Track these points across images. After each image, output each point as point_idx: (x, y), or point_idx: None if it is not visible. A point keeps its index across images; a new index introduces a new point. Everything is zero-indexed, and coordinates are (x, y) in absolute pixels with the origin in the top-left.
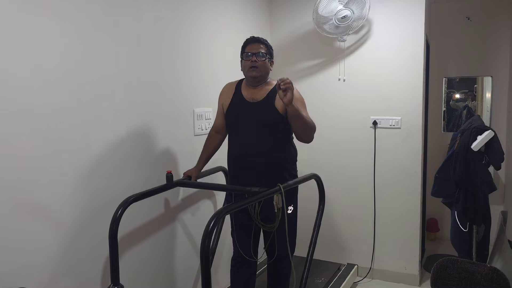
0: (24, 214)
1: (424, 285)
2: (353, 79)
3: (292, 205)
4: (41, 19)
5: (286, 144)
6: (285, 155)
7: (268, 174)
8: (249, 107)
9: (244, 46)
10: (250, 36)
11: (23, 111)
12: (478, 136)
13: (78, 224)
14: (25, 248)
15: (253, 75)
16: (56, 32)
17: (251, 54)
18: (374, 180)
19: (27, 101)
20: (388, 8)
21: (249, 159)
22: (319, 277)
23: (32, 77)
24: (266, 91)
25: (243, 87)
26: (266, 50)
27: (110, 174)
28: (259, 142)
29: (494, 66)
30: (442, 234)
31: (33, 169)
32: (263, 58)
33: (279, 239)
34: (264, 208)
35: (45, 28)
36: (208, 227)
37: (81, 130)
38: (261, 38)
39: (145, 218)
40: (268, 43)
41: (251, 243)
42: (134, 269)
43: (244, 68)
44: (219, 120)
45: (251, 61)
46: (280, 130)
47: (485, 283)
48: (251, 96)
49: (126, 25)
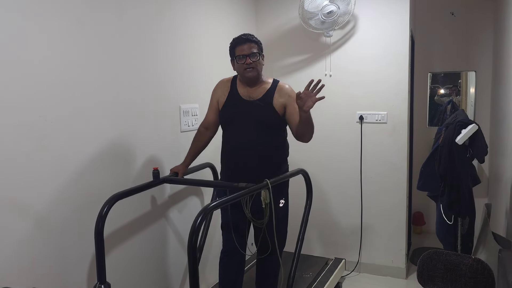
0: (7, 213)
1: (411, 278)
2: (339, 74)
3: (284, 198)
4: (20, 16)
5: (281, 142)
6: (280, 153)
7: (263, 171)
8: (246, 105)
9: (233, 47)
10: (238, 36)
11: (6, 109)
12: (463, 130)
13: (63, 223)
14: (9, 248)
15: (251, 76)
16: (38, 29)
17: (244, 56)
18: (360, 175)
19: (10, 99)
20: (373, 4)
21: (244, 156)
22: (307, 272)
23: (14, 75)
24: (264, 90)
25: (238, 84)
26: (257, 48)
27: (96, 172)
28: (255, 140)
29: (477, 61)
30: (428, 227)
31: (16, 167)
32: (257, 58)
33: (268, 235)
34: (255, 203)
35: (28, 25)
36: (195, 223)
37: (65, 129)
38: (250, 36)
39: (132, 216)
40: (257, 39)
41: (239, 237)
42: (122, 267)
43: (238, 69)
44: (210, 116)
45: (246, 64)
46: (276, 128)
47: (470, 274)
48: (248, 94)
49: (108, 21)
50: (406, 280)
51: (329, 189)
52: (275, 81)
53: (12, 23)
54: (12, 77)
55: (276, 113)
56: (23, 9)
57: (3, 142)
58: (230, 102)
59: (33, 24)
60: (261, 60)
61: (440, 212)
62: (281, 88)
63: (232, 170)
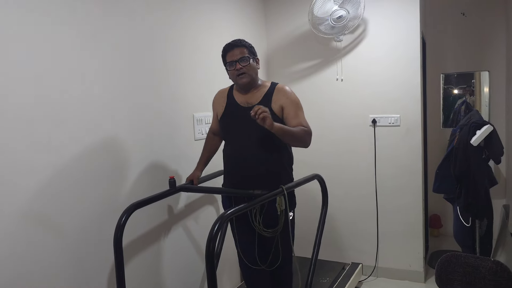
0: (25, 223)
1: (429, 282)
2: (351, 78)
3: (292, 210)
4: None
5: (283, 149)
6: (283, 162)
7: (265, 180)
8: (244, 112)
9: (223, 54)
10: (225, 44)
11: (27, 122)
12: (477, 131)
13: (81, 233)
14: (27, 258)
15: (244, 82)
16: (51, 34)
17: (234, 62)
18: (375, 178)
19: (32, 112)
20: (383, 7)
21: (245, 166)
22: (324, 277)
23: (35, 88)
24: (261, 94)
25: (235, 92)
26: (248, 52)
27: (113, 182)
28: (256, 148)
29: (490, 61)
30: (445, 230)
31: (33, 177)
32: (248, 62)
33: (281, 244)
34: (264, 214)
35: (38, 30)
36: (213, 230)
37: (81, 139)
38: (238, 41)
39: (149, 224)
40: (246, 42)
41: (255, 251)
42: (139, 276)
43: (232, 77)
44: (214, 125)
45: (236, 70)
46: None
47: (490, 276)
48: (246, 101)
49: (122, 29)
50: (424, 284)
51: (344, 193)
52: (273, 84)
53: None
54: (33, 91)
55: (276, 116)
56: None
57: (19, 151)
58: (229, 112)
59: (48, 39)
60: (253, 63)
61: (457, 214)
62: (279, 90)
63: (233, 179)
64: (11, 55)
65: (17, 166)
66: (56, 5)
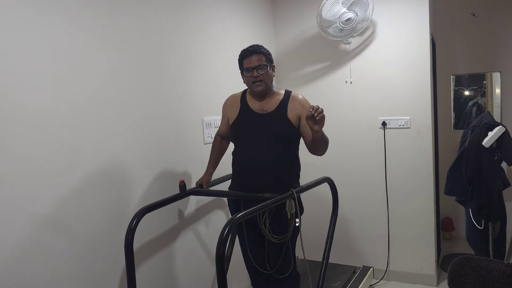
0: (37, 227)
1: (442, 285)
2: (360, 80)
3: (298, 218)
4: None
5: (292, 158)
6: (293, 169)
7: (275, 186)
8: (259, 119)
9: (241, 59)
10: (244, 48)
11: (35, 128)
12: (489, 132)
13: (92, 236)
14: (39, 262)
15: (260, 90)
16: (66, 50)
17: (251, 68)
18: (386, 181)
19: (44, 119)
20: (391, 9)
21: (256, 171)
22: (334, 281)
23: (47, 96)
24: (277, 101)
25: (248, 98)
26: (265, 59)
27: (122, 186)
28: (268, 154)
29: (502, 61)
30: (457, 233)
31: (45, 182)
32: (265, 70)
33: (288, 251)
34: (271, 220)
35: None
36: (223, 234)
37: (92, 143)
38: (256, 47)
39: (159, 228)
40: (264, 49)
41: (265, 256)
42: (150, 280)
43: (247, 82)
44: (223, 129)
45: (253, 77)
46: (291, 141)
47: (503, 280)
48: (260, 107)
49: (130, 36)
50: None
51: (354, 196)
52: (287, 92)
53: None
54: (45, 99)
55: (291, 124)
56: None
57: (32, 156)
58: (242, 117)
59: (61, 45)
60: (270, 71)
61: (470, 217)
62: (294, 98)
63: (242, 184)
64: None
65: (30, 172)
66: (61, 12)
